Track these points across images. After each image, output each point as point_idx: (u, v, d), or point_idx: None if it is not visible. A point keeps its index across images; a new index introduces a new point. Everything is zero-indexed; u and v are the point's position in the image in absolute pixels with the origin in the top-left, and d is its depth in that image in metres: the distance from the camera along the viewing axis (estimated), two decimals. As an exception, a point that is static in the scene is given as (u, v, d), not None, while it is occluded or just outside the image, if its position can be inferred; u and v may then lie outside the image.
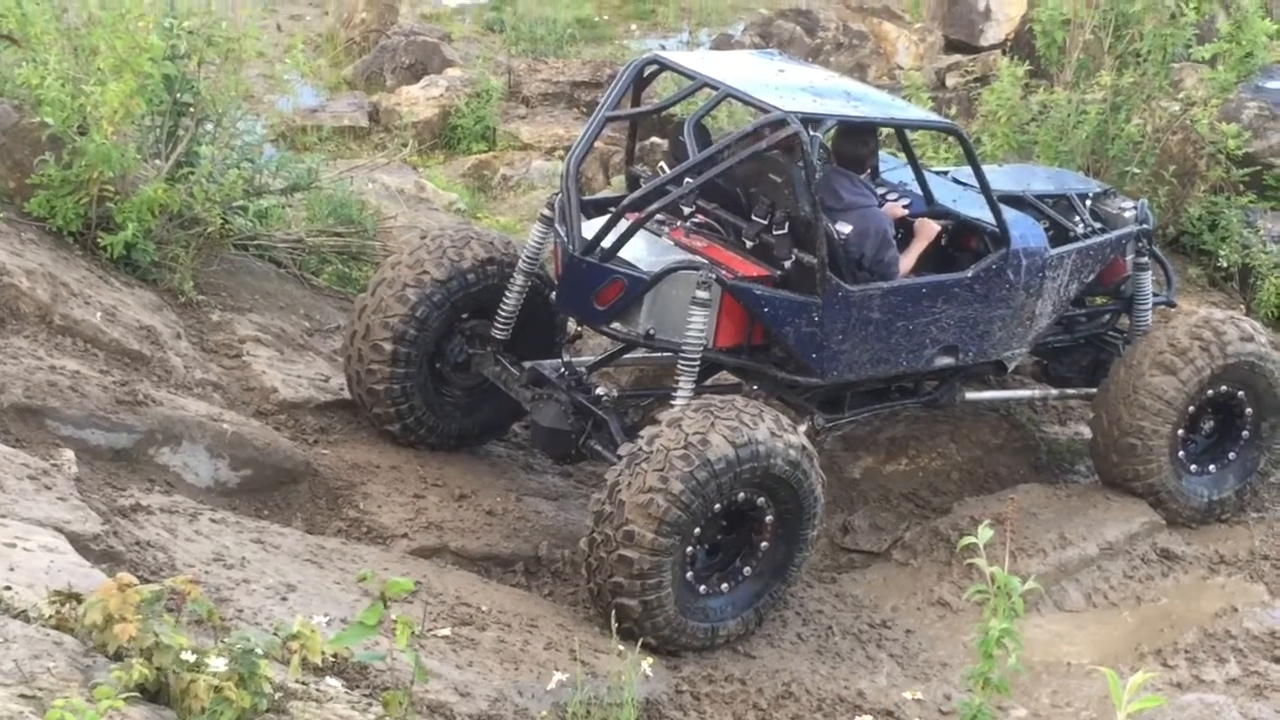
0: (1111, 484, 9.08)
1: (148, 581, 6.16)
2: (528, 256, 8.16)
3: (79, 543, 5.77)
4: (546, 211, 8.08)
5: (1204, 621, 8.28)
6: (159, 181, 9.08)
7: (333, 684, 5.17)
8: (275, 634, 4.93)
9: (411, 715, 5.57)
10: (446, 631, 6.62)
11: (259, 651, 4.48)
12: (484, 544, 8.08)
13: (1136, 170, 11.72)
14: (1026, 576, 8.55)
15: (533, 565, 8.08)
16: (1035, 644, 8.03)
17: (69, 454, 7.05)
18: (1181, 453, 8.95)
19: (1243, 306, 11.84)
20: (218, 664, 4.30)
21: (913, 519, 9.07)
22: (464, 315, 8.36)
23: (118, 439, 7.38)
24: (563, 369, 8.10)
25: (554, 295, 8.07)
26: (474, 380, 8.47)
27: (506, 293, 8.19)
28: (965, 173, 8.72)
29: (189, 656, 4.33)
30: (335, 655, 5.44)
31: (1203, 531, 9.13)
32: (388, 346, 8.13)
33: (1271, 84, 14.34)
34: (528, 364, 8.18)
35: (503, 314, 8.22)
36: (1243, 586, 8.66)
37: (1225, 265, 12.22)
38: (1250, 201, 12.63)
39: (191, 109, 9.87)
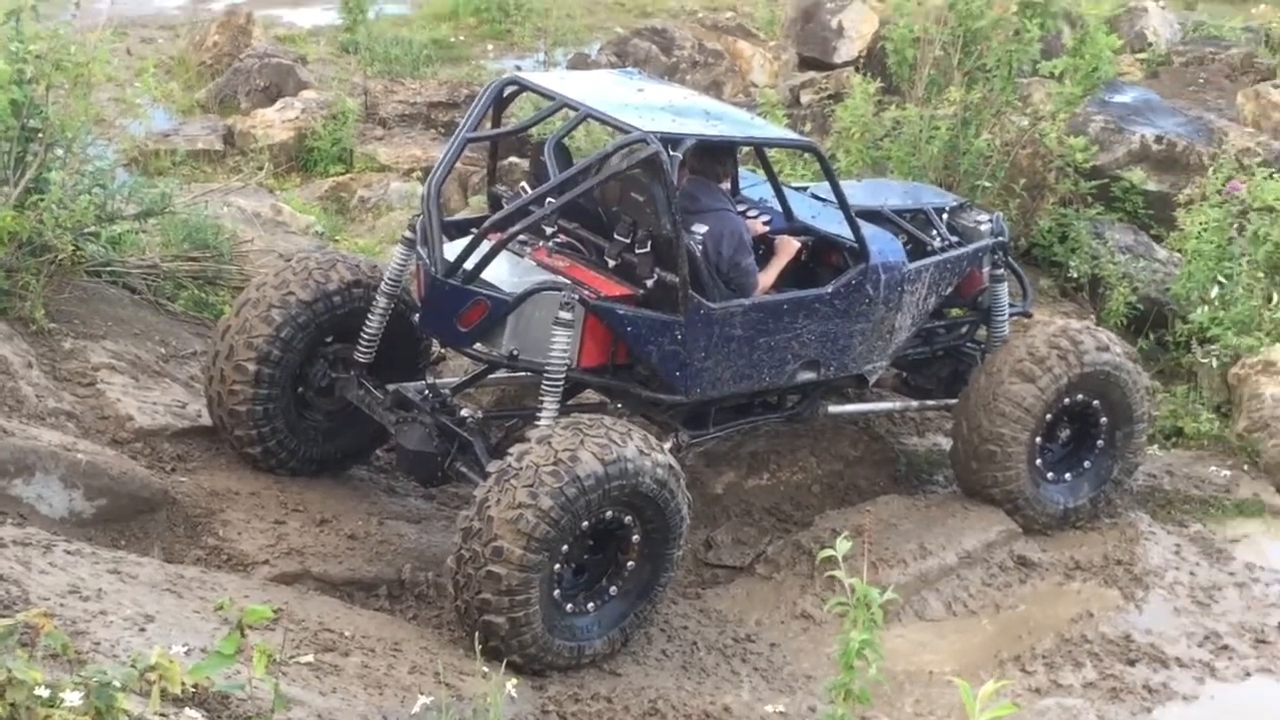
0: (971, 492, 9.21)
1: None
2: (390, 279, 8.09)
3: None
4: (408, 233, 8.02)
5: (1061, 627, 8.44)
6: (7, 209, 8.85)
7: (193, 715, 5.08)
8: (133, 666, 4.87)
9: (275, 744, 5.49)
10: (309, 658, 6.53)
11: (116, 684, 4.41)
12: (346, 569, 7.99)
13: (987, 184, 11.96)
14: (887, 587, 8.76)
15: (396, 589, 8.01)
16: (897, 654, 8.14)
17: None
18: (1039, 461, 9.10)
19: (1093, 316, 12.09)
20: (73, 698, 4.22)
21: (775, 533, 9.13)
22: (328, 338, 8.28)
23: (-36, 470, 7.15)
24: (427, 391, 8.07)
25: (417, 318, 8.00)
26: (337, 404, 8.39)
27: (369, 315, 8.12)
28: (824, 188, 8.75)
29: (44, 692, 4.23)
30: (195, 686, 5.32)
31: (1058, 538, 9.29)
32: (251, 367, 8.03)
33: (1117, 98, 14.73)
34: (392, 387, 8.12)
35: (366, 337, 8.15)
36: (1098, 592, 8.82)
37: (1075, 276, 12.47)
38: (1098, 213, 12.92)
39: (40, 134, 9.66)
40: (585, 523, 7.07)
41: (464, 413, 7.96)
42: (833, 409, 9.03)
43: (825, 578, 8.63)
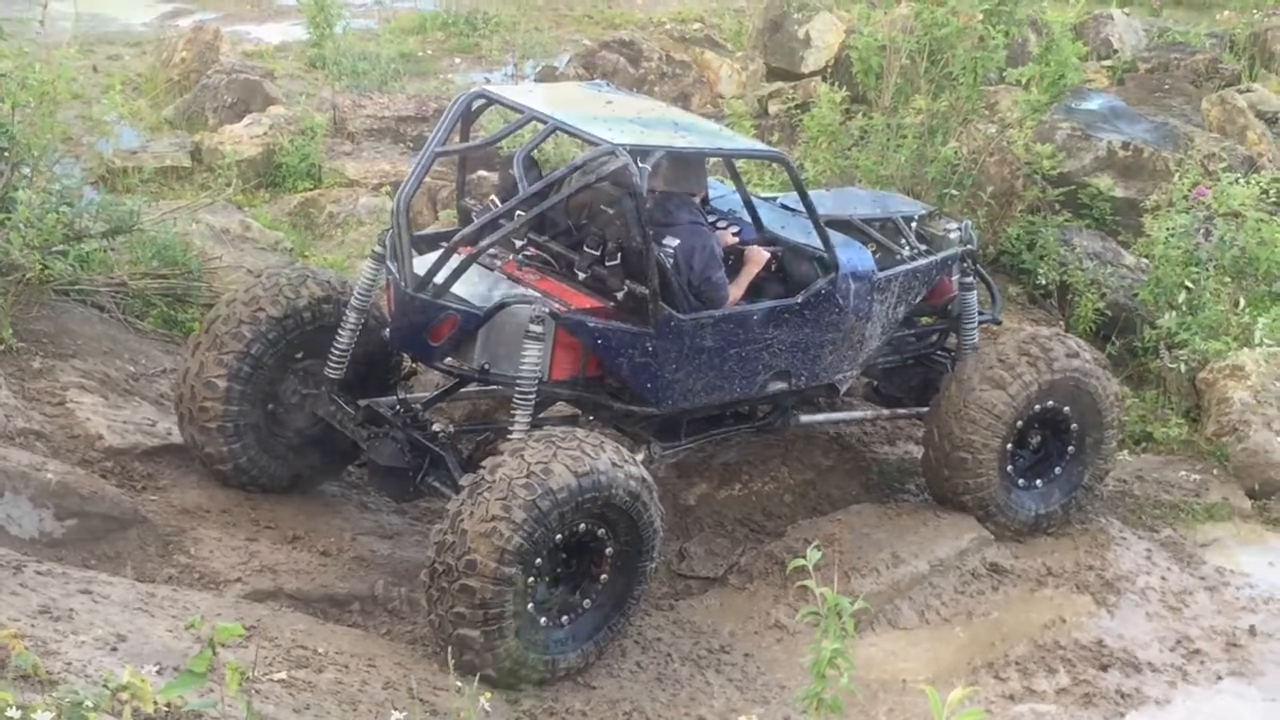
0: (942, 499, 9.22)
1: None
2: (359, 294, 8.03)
3: None
4: (378, 248, 7.98)
5: (1033, 633, 8.48)
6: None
7: (166, 734, 5.02)
8: (105, 686, 4.81)
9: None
10: (283, 675, 6.50)
11: (88, 704, 4.38)
12: (319, 585, 7.95)
13: (954, 192, 11.94)
14: (859, 596, 8.78)
15: (369, 605, 7.97)
16: (871, 662, 8.15)
17: None
18: (1010, 467, 9.09)
19: (1062, 323, 12.05)
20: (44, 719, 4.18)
21: (748, 544, 9.12)
22: (299, 355, 8.24)
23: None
24: (398, 407, 8.02)
25: (387, 332, 7.94)
26: (308, 421, 8.33)
27: (339, 331, 8.06)
28: (793, 199, 8.72)
29: (14, 714, 4.20)
30: (169, 705, 5.30)
31: (1030, 545, 9.31)
32: (222, 384, 7.99)
33: (1084, 105, 14.72)
34: (363, 403, 8.07)
35: (336, 352, 8.09)
36: (1070, 598, 8.86)
37: (1044, 283, 12.40)
38: (1066, 220, 12.89)
39: (6, 153, 9.62)
40: (558, 535, 7.03)
41: (435, 427, 7.91)
42: (804, 419, 8.97)
43: (798, 588, 8.72)
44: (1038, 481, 9.36)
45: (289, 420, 8.37)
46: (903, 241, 9.28)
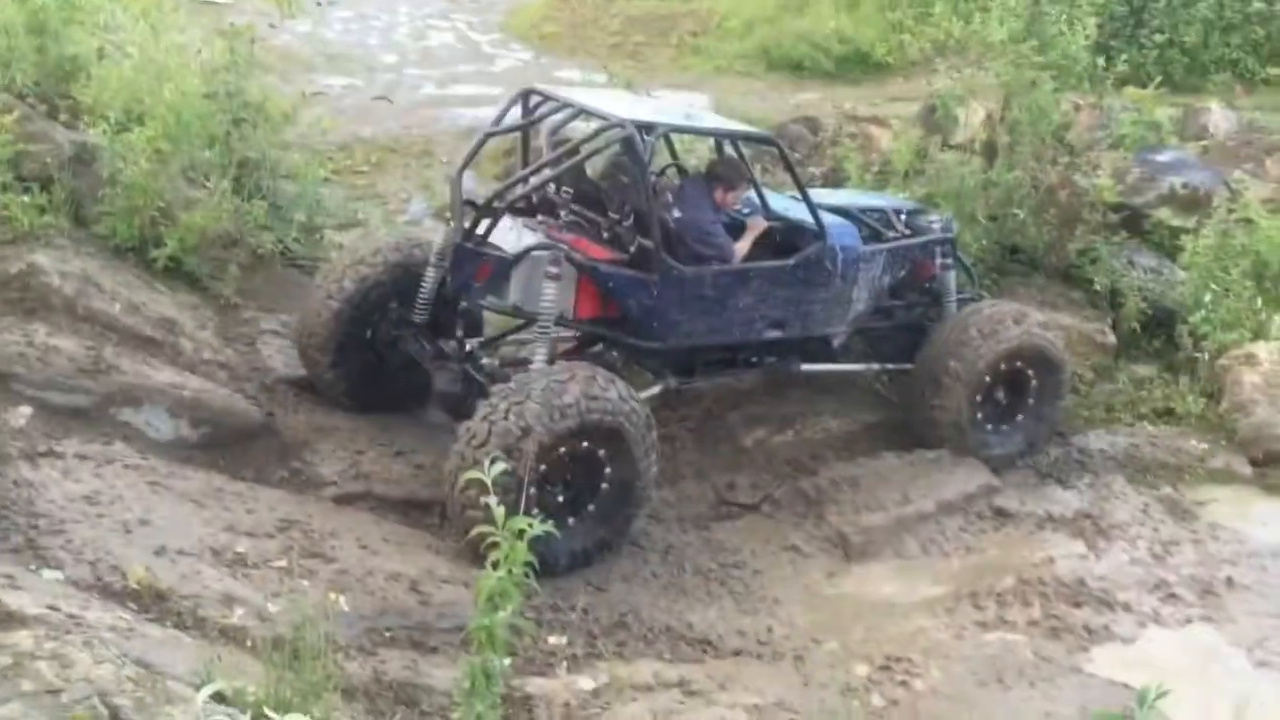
0: (921, 437, 7.56)
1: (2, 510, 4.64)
2: (437, 253, 6.78)
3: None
4: (449, 216, 6.45)
5: (1021, 570, 6.59)
6: (206, 210, 7.61)
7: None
8: None
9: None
10: (283, 563, 4.89)
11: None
12: (405, 491, 6.64)
13: (1018, 212, 9.68)
14: (867, 528, 6.70)
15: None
16: (864, 585, 6.36)
17: (25, 409, 5.60)
18: (979, 414, 7.46)
19: (1110, 319, 9.67)
20: None
21: (786, 479, 7.11)
22: (392, 303, 6.98)
23: (76, 399, 5.99)
24: (456, 345, 6.69)
25: (447, 279, 6.61)
26: (400, 356, 7.01)
27: (422, 284, 6.84)
28: (830, 194, 7.59)
29: None
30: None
31: (1036, 492, 7.31)
32: (327, 315, 6.90)
33: (1157, 157, 12.17)
34: (442, 342, 6.77)
35: (420, 301, 6.86)
36: (1063, 541, 6.92)
37: (1098, 289, 10.02)
38: (1125, 239, 10.48)
39: (250, 160, 8.44)
40: (562, 448, 5.71)
41: (484, 362, 6.60)
42: (806, 367, 7.34)
43: (815, 516, 6.80)
44: (1003, 426, 7.53)
45: (387, 355, 7.07)
46: (894, 229, 7.72)
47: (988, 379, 7.33)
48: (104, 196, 7.52)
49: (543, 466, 5.61)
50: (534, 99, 6.83)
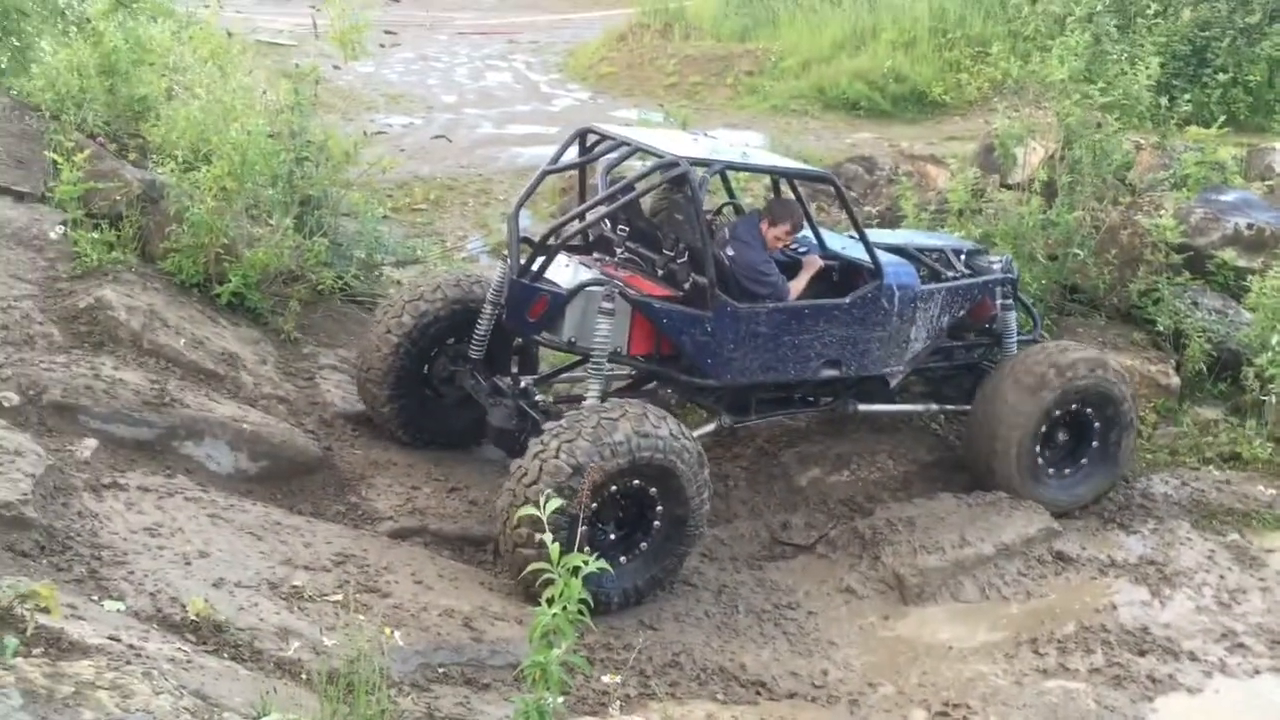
0: (979, 480, 7.44)
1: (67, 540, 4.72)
2: (494, 290, 6.86)
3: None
4: (505, 253, 6.55)
5: (1082, 616, 6.46)
6: (269, 247, 7.74)
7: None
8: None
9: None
10: (338, 596, 4.92)
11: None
12: (460, 527, 6.70)
13: (1078, 252, 9.56)
14: (924, 570, 6.62)
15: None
16: (923, 629, 6.15)
17: (91, 442, 5.74)
18: (1039, 460, 7.35)
19: (1174, 360, 9.50)
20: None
21: (841, 520, 7.04)
22: (449, 339, 7.07)
23: (140, 432, 6.09)
24: (511, 381, 6.70)
25: (503, 316, 6.68)
26: (457, 391, 7.11)
27: (478, 320, 6.91)
28: (887, 234, 7.51)
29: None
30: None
31: (1099, 538, 7.15)
32: (386, 350, 6.98)
33: (1221, 197, 12.00)
34: (497, 378, 6.81)
35: (476, 337, 6.92)
36: (1126, 587, 6.77)
37: (1162, 330, 9.86)
38: (1189, 280, 10.30)
39: (313, 198, 8.58)
40: (613, 486, 5.70)
41: (538, 398, 6.65)
42: (863, 407, 7.30)
43: (870, 557, 6.71)
44: (1066, 471, 7.38)
45: (443, 390, 7.18)
46: (953, 269, 7.68)
47: (1043, 426, 7.20)
48: (170, 233, 7.69)
49: (594, 504, 5.60)
50: (591, 137, 6.88)
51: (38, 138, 8.40)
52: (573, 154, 7.02)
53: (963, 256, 7.77)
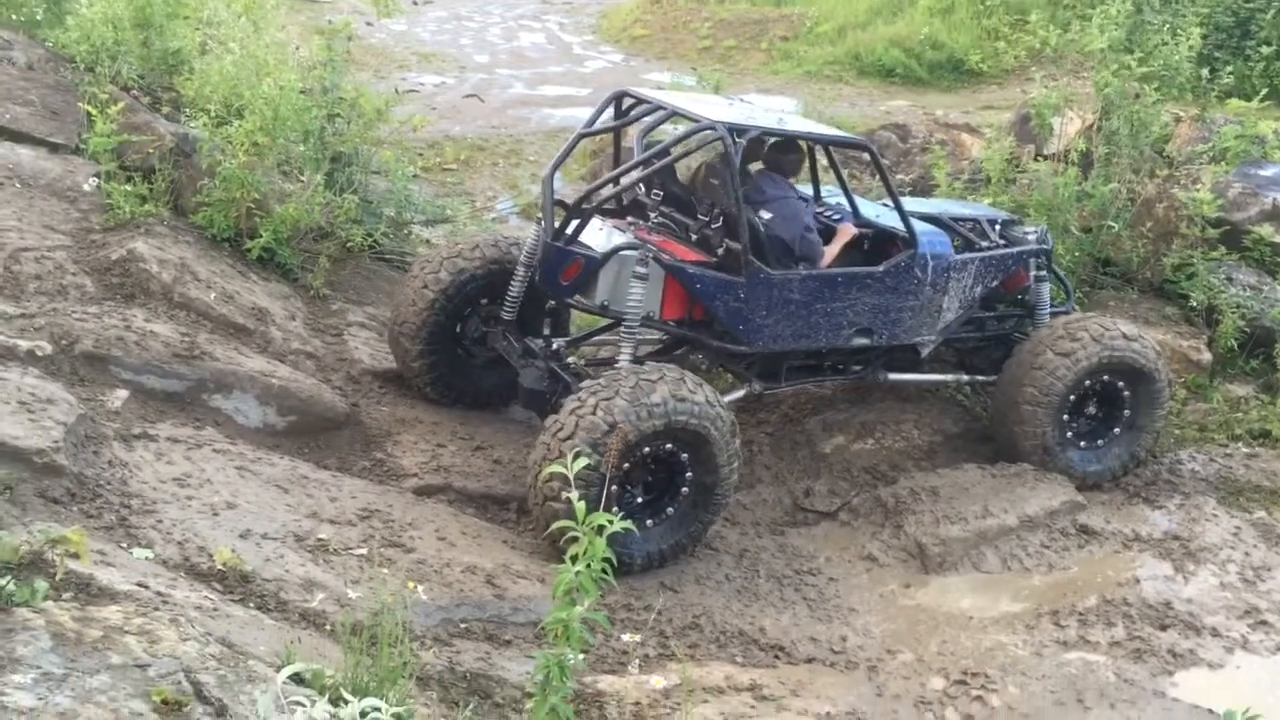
0: (1004, 450, 7.42)
1: (97, 488, 4.78)
2: (527, 252, 6.87)
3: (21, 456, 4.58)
4: (539, 215, 6.57)
5: (1105, 590, 6.41)
6: (299, 203, 7.77)
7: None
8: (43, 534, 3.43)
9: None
10: (363, 550, 4.96)
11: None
12: (484, 486, 6.70)
13: (1113, 225, 9.45)
14: (946, 540, 6.62)
15: (524, 505, 6.50)
16: (944, 598, 6.16)
17: (122, 393, 5.81)
18: (1069, 431, 7.31)
19: (1206, 336, 9.41)
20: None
21: (865, 488, 7.05)
22: (483, 299, 7.09)
23: (170, 384, 6.17)
24: (543, 343, 6.75)
25: (536, 278, 6.68)
26: (490, 352, 7.15)
27: (511, 281, 6.93)
28: (922, 203, 7.43)
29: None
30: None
31: (1124, 512, 7.09)
32: (421, 304, 7.00)
33: (1260, 172, 11.84)
34: (529, 340, 6.87)
35: (509, 298, 6.95)
36: (1150, 562, 6.69)
37: (1195, 305, 9.77)
38: (1224, 255, 10.19)
39: (343, 155, 8.58)
40: (646, 448, 5.70)
41: (569, 361, 6.70)
42: (892, 376, 7.27)
43: (893, 526, 6.71)
44: (1099, 442, 7.34)
45: (474, 349, 7.21)
46: (987, 239, 7.57)
47: (1072, 397, 7.17)
48: (202, 187, 7.73)
49: (625, 465, 5.62)
50: (627, 101, 6.84)
51: (72, 90, 8.44)
52: (608, 117, 6.99)
53: (997, 227, 7.69)
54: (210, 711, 2.96)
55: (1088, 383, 7.16)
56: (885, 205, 7.17)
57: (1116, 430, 7.37)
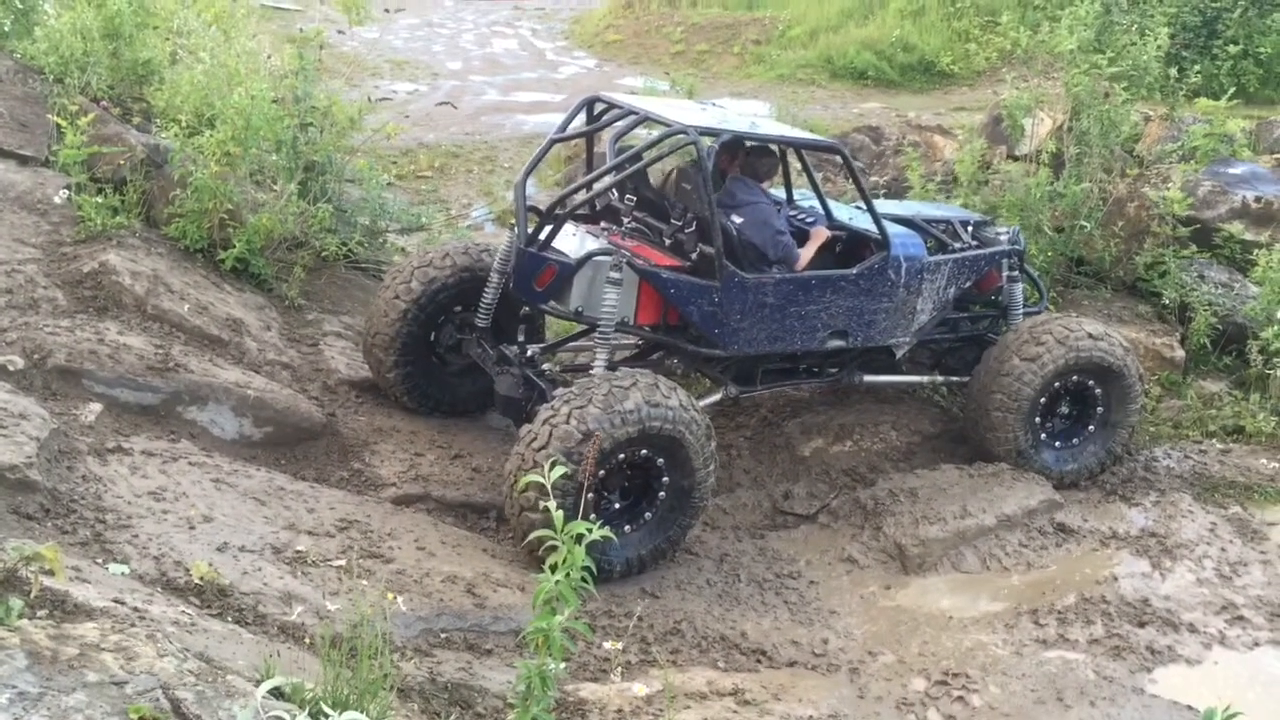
0: (978, 450, 7.47)
1: (71, 504, 4.73)
2: (500, 259, 6.84)
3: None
4: (513, 223, 6.46)
5: (1083, 588, 6.41)
6: (273, 213, 7.73)
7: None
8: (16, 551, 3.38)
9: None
10: (341, 562, 4.93)
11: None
12: (463, 494, 6.69)
13: (1085, 224, 9.51)
14: (926, 540, 6.63)
15: (503, 513, 6.48)
16: (924, 599, 6.16)
17: (96, 406, 5.77)
18: (1041, 433, 7.37)
19: (1179, 334, 9.48)
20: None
21: (843, 491, 7.05)
22: (456, 306, 7.07)
23: (144, 397, 6.10)
24: (518, 349, 6.71)
25: (510, 284, 6.66)
26: (463, 359, 7.14)
27: (485, 288, 6.90)
28: (894, 205, 7.42)
29: None
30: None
31: (1101, 510, 7.14)
32: (393, 314, 6.98)
33: (1229, 170, 11.93)
34: (504, 346, 6.83)
35: (483, 305, 6.92)
36: (1128, 559, 6.68)
37: (1168, 303, 9.84)
38: (1194, 254, 10.27)
39: (317, 164, 8.54)
40: (620, 455, 5.69)
41: (545, 367, 6.67)
42: (868, 378, 7.30)
43: (872, 527, 6.73)
44: (1073, 441, 7.39)
45: (449, 357, 7.19)
46: (960, 240, 7.60)
47: (1042, 400, 7.21)
48: (174, 198, 7.67)
49: (601, 472, 5.60)
50: (599, 106, 6.84)
51: (41, 101, 8.37)
52: (580, 122, 6.98)
53: (970, 228, 7.71)
54: (189, 728, 2.93)
55: (1057, 384, 7.21)
56: (859, 208, 7.19)
57: (1090, 428, 7.42)
